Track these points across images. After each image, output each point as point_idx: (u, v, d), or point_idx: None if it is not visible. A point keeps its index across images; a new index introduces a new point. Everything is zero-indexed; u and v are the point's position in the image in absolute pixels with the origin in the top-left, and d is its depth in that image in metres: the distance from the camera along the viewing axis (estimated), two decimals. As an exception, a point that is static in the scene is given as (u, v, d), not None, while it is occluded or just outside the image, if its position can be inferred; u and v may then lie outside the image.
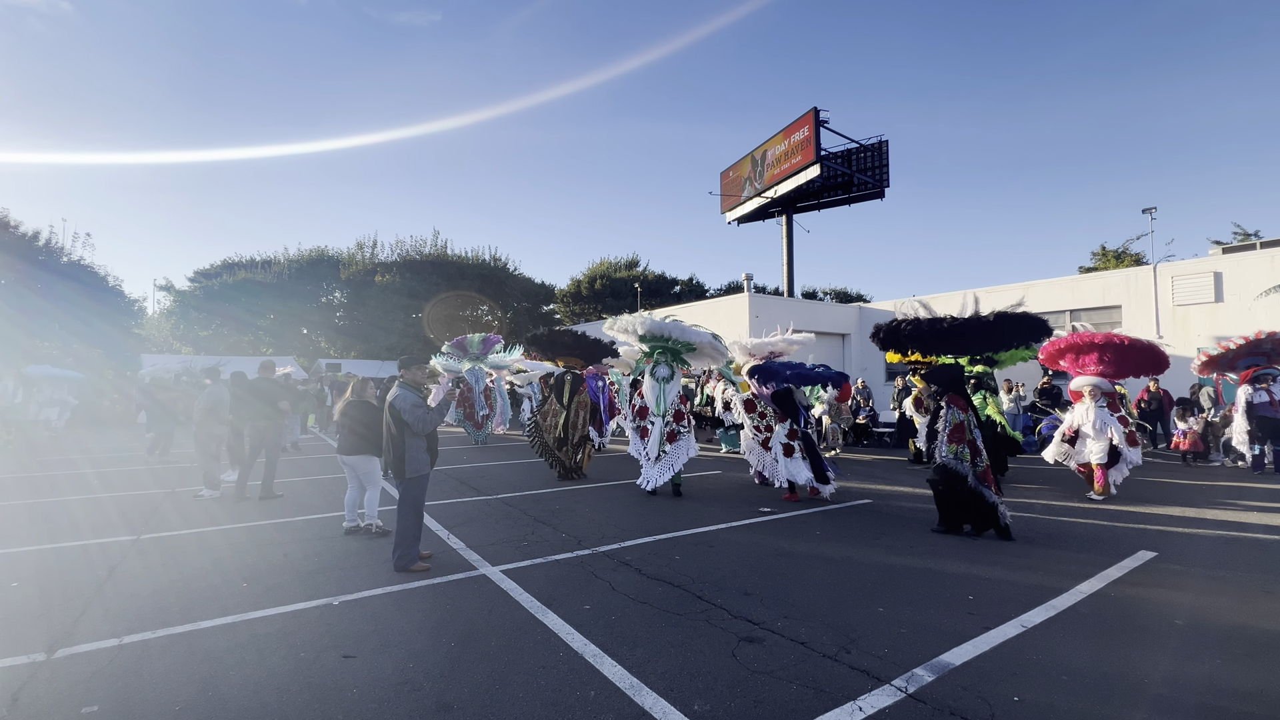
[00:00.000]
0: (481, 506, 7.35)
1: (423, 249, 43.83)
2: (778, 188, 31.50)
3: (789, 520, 6.63)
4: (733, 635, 3.54)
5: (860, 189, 31.05)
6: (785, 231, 32.89)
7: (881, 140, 30.03)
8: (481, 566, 4.91)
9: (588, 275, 45.99)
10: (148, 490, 8.49)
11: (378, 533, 5.88)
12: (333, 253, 43.22)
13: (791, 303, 24.86)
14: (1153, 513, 6.90)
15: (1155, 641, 3.46)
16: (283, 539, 5.83)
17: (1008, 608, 3.96)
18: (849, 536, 5.91)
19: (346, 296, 41.71)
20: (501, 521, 6.55)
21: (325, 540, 5.77)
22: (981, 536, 5.86)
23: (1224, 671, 3.09)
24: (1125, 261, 32.73)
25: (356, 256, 42.95)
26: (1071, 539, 5.77)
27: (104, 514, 6.99)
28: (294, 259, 42.14)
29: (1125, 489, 8.25)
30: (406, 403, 4.86)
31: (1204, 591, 4.30)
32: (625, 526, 6.26)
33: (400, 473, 4.90)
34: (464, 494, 8.15)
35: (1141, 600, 4.12)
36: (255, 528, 6.29)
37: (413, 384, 5.11)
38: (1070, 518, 6.67)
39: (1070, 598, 4.14)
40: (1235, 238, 29.19)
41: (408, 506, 4.87)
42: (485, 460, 11.69)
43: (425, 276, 40.67)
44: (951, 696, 2.85)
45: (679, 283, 48.82)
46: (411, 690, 2.94)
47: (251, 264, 40.94)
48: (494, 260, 45.13)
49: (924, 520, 6.51)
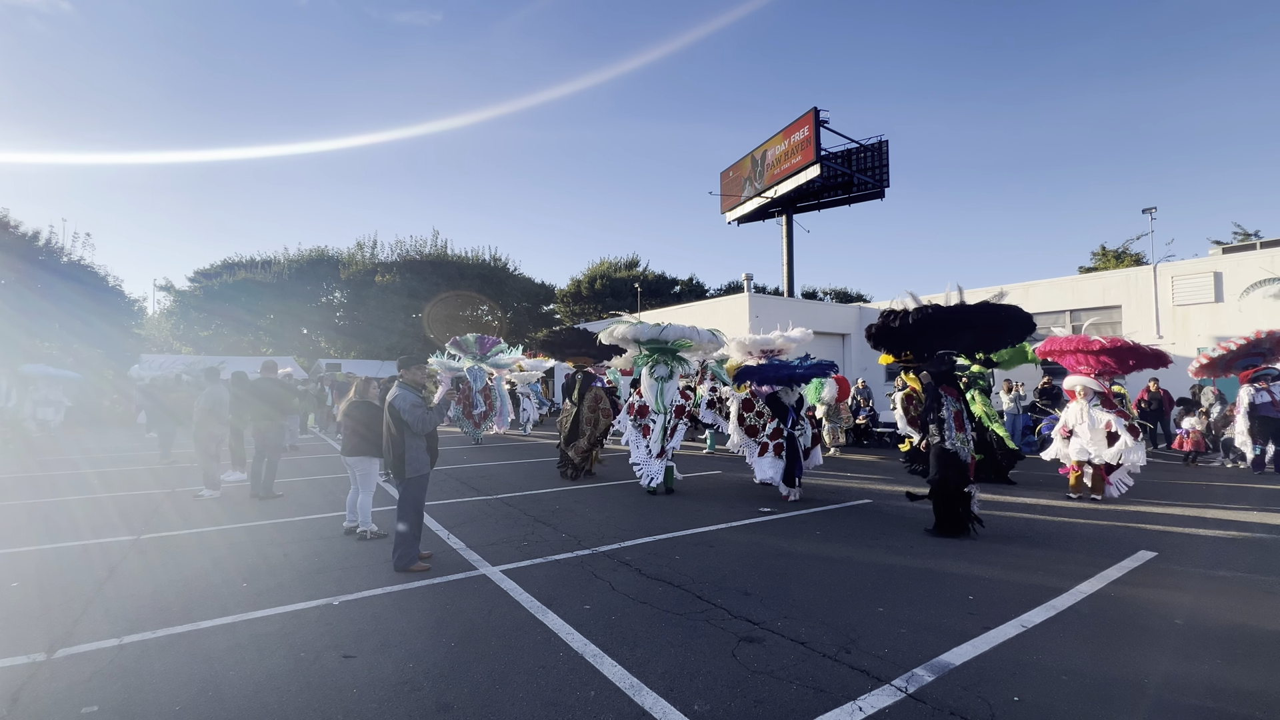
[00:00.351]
0: (481, 506, 7.35)
1: (423, 249, 43.83)
2: (778, 187, 31.48)
3: (789, 520, 6.63)
4: (733, 635, 3.54)
5: (860, 189, 31.03)
6: (785, 231, 32.87)
7: (881, 140, 30.00)
8: (481, 566, 4.91)
9: (588, 275, 45.99)
10: (148, 490, 8.49)
11: (372, 538, 5.82)
12: (333, 253, 43.23)
13: (791, 303, 24.84)
14: (1153, 513, 6.90)
15: (1155, 642, 3.46)
16: (283, 539, 5.83)
17: (1008, 608, 3.96)
18: (849, 536, 5.91)
19: (347, 296, 41.72)
20: (501, 521, 6.55)
21: (325, 540, 5.77)
22: (979, 537, 5.86)
23: (1224, 672, 3.09)
24: (1125, 262, 32.71)
25: (356, 256, 42.95)
26: (1072, 539, 5.77)
27: (104, 514, 6.99)
28: (294, 259, 42.14)
29: (1132, 489, 8.26)
30: (406, 403, 4.87)
31: (1203, 592, 4.30)
32: (625, 527, 6.26)
33: (400, 472, 4.90)
34: (464, 494, 8.15)
35: (1141, 600, 4.12)
36: (255, 528, 6.29)
37: (412, 384, 5.11)
38: (1070, 518, 6.67)
39: (1070, 598, 4.14)
40: (1235, 238, 29.20)
41: (408, 506, 4.87)
42: (485, 460, 11.69)
43: (425, 276, 40.67)
44: (951, 696, 2.85)
45: (679, 283, 48.82)
46: (411, 690, 2.94)
47: (251, 264, 40.94)
48: (494, 260, 45.12)
49: (924, 521, 6.50)
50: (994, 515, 6.74)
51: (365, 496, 5.94)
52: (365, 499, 5.93)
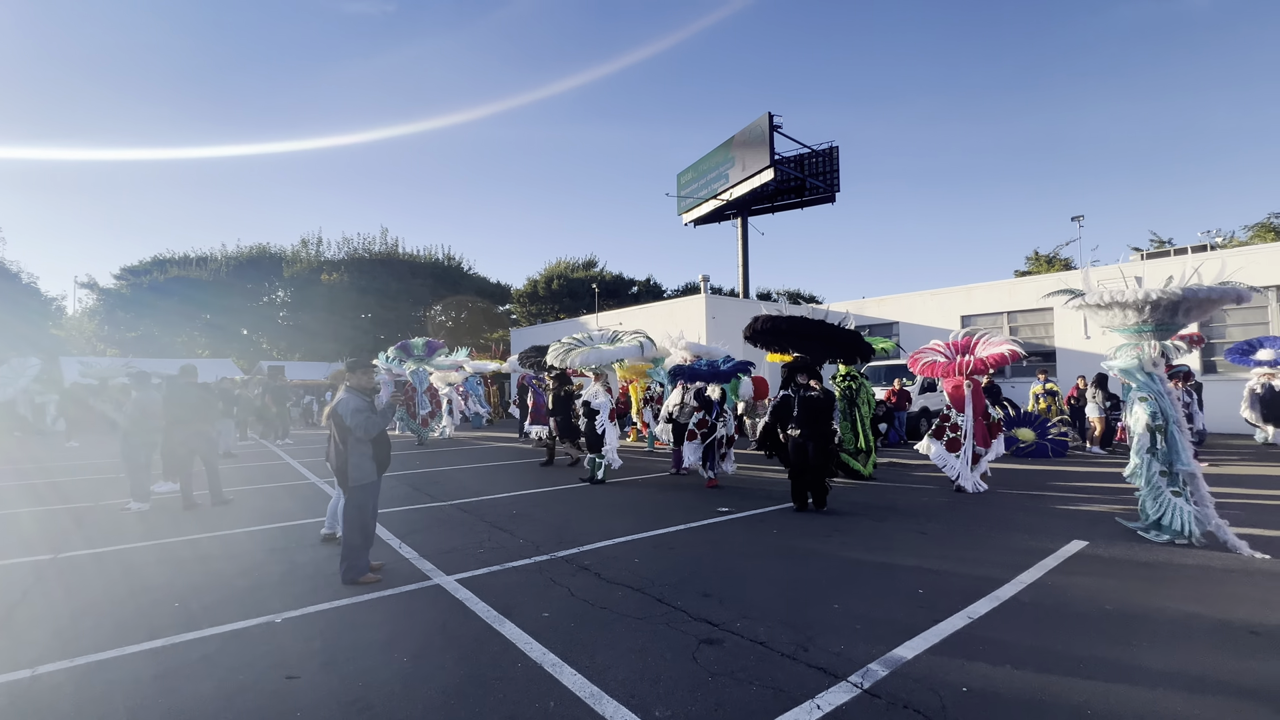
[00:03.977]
0: (435, 513, 7.15)
1: (372, 247, 42.49)
2: (733, 190, 31.92)
3: (746, 520, 6.71)
4: (693, 638, 3.54)
5: (812, 193, 31.82)
6: (740, 233, 33.38)
7: (832, 146, 30.85)
8: (436, 576, 4.76)
9: (545, 275, 45.54)
10: (71, 504, 7.89)
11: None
12: (275, 250, 41.39)
13: (746, 304, 25.23)
14: (1081, 501, 7.30)
15: (1091, 627, 3.65)
16: (220, 553, 5.51)
17: (955, 599, 4.10)
18: (804, 533, 6.03)
19: (290, 296, 39.99)
20: (456, 528, 6.38)
21: (268, 553, 5.48)
22: (924, 531, 6.07)
23: (1150, 655, 3.29)
24: (1055, 266, 34.71)
25: (301, 254, 41.25)
26: (1014, 528, 6.04)
27: (19, 530, 6.46)
28: (233, 256, 40.13)
29: (1055, 479, 8.73)
30: (348, 407, 4.67)
31: (1130, 577, 4.57)
32: (583, 530, 6.20)
33: (344, 481, 4.71)
34: (417, 500, 7.91)
35: (1075, 588, 4.34)
36: (190, 542, 5.93)
37: (359, 388, 4.90)
38: (1010, 510, 6.97)
39: (1012, 588, 4.33)
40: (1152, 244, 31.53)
41: (353, 516, 4.67)
42: (438, 465, 11.40)
43: (375, 275, 39.41)
44: (905, 690, 2.93)
45: (636, 283, 48.92)
46: (362, 710, 2.81)
47: (186, 261, 38.76)
48: (448, 259, 44.15)
49: (874, 515, 6.70)
50: (939, 505, 7.00)
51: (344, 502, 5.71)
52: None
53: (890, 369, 15.86)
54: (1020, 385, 17.38)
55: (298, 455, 13.13)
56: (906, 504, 7.37)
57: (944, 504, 7.35)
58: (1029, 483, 8.77)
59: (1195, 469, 5.63)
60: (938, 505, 7.28)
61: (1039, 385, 14.03)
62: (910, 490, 8.33)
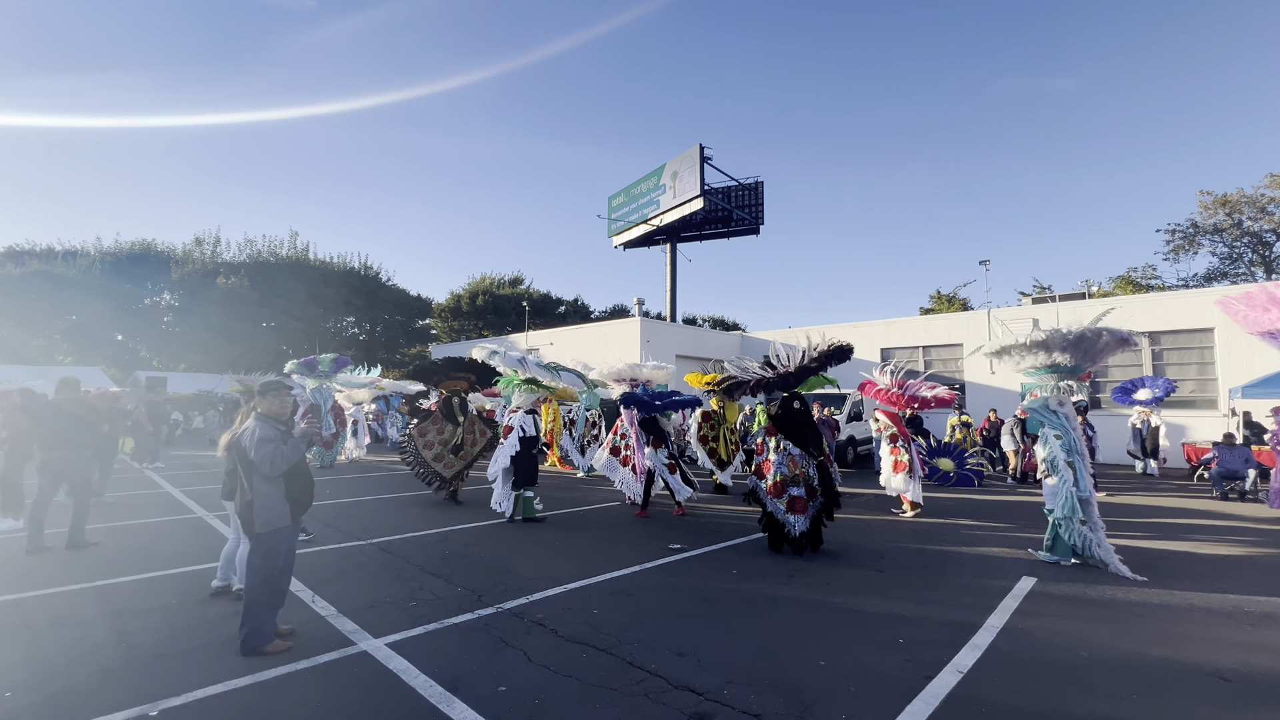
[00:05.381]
0: (352, 555, 6.28)
1: (279, 250, 39.33)
2: (663, 216, 32.36)
3: (702, 558, 6.36)
4: (679, 712, 3.11)
5: (739, 224, 32.87)
6: (669, 259, 33.79)
7: (758, 181, 32.11)
8: (360, 639, 4.03)
9: (469, 290, 43.97)
10: None
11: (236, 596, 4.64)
12: (163, 247, 37.37)
13: (680, 329, 25.39)
14: (1009, 530, 7.57)
15: (1076, 679, 3.56)
16: (77, 615, 4.46)
17: (938, 649, 3.93)
18: (762, 574, 5.75)
19: (179, 299, 36.06)
20: (380, 574, 5.59)
21: (143, 614, 4.49)
22: (880, 569, 5.99)
23: (1144, 711, 3.22)
24: (955, 305, 37.72)
25: (194, 254, 37.49)
26: (962, 567, 6.07)
27: None
28: (109, 251, 35.80)
29: (985, 511, 9.08)
30: (253, 437, 3.88)
31: (1089, 618, 4.61)
32: (528, 573, 5.61)
33: (249, 526, 3.91)
34: (328, 539, 6.96)
35: (1043, 631, 4.31)
36: (36, 599, 4.78)
37: (269, 415, 4.10)
38: (955, 546, 7.07)
39: (986, 634, 4.23)
40: (1034, 290, 35.07)
41: (258, 567, 3.87)
42: (350, 495, 10.26)
43: (280, 281, 36.42)
44: (922, 769, 2.65)
45: (564, 303, 48.31)
46: (274, 847, 2.16)
47: (49, 254, 34.10)
48: (365, 268, 41.68)
49: (828, 552, 6.56)
50: (883, 535, 6.99)
51: (244, 548, 4.71)
52: (246, 551, 4.70)
53: (821, 396, 16.27)
54: (934, 416, 18.39)
55: (178, 482, 11.45)
56: (855, 537, 7.31)
57: (887, 535, 7.36)
58: (958, 510, 9.08)
59: (1091, 497, 6.22)
60: (882, 536, 7.27)
61: (955, 417, 14.82)
62: (853, 521, 8.30)
